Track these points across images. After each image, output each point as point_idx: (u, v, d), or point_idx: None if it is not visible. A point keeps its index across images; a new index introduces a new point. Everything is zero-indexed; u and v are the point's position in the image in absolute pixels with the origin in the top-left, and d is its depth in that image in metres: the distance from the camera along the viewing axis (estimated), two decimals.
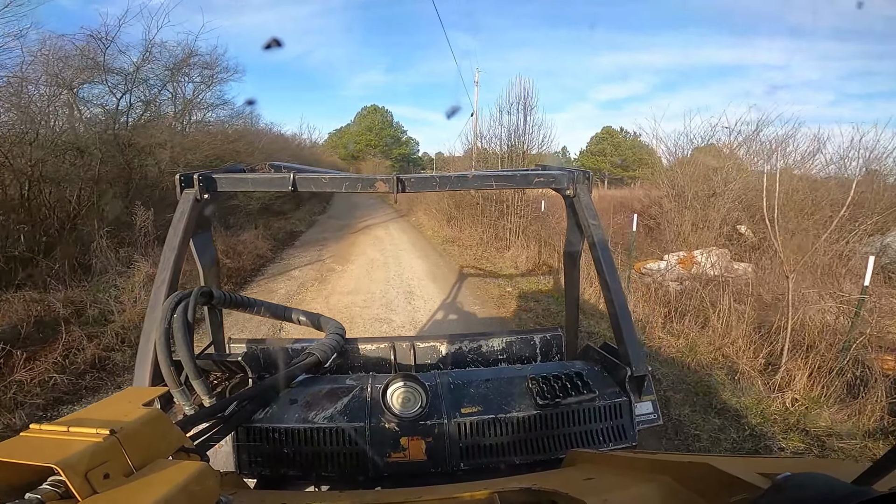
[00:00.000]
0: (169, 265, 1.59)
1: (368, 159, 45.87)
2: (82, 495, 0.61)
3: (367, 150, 49.85)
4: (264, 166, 2.26)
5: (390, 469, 1.39)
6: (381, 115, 53.79)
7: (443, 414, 1.46)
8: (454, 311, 6.71)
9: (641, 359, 1.59)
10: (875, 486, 0.51)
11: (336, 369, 1.98)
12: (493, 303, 7.11)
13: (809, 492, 0.54)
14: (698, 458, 0.79)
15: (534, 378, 1.57)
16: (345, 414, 1.45)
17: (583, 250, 2.06)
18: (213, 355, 1.72)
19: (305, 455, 1.40)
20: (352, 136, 51.94)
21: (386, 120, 53.86)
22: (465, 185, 1.95)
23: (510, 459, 1.45)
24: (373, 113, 53.67)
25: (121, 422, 0.72)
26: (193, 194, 1.70)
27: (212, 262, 1.97)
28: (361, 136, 51.72)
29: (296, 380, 1.57)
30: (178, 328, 1.35)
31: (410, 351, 2.12)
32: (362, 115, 53.73)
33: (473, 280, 8.50)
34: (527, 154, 11.40)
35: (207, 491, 0.70)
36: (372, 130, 52.23)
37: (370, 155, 48.20)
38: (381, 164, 44.44)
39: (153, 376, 1.43)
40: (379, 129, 52.68)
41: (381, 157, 47.82)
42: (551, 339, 2.23)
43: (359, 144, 50.48)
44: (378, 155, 48.83)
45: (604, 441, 1.51)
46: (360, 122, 53.33)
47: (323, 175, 1.85)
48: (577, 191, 1.86)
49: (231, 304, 1.72)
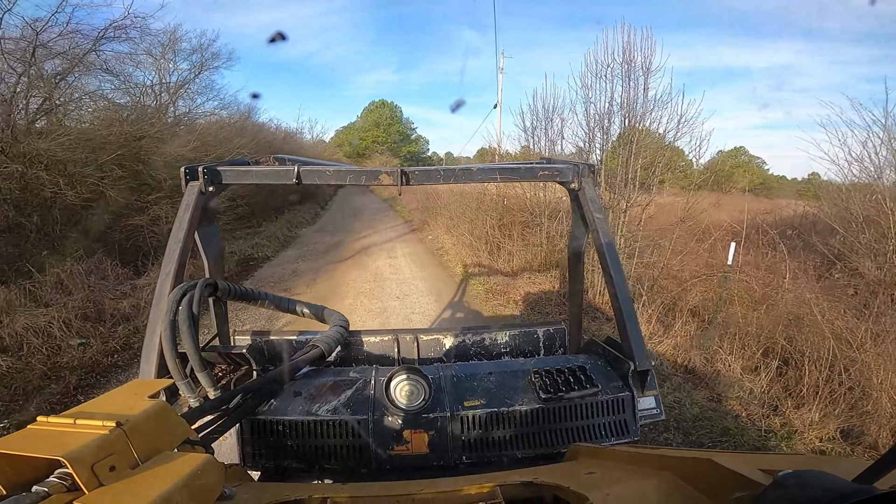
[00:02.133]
0: (174, 257, 1.60)
1: (375, 157, 42.66)
2: (89, 487, 0.62)
3: (374, 147, 46.21)
4: (269, 159, 2.27)
5: (393, 462, 1.40)
6: (390, 109, 49.89)
7: (446, 407, 1.47)
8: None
9: (644, 353, 1.58)
10: (876, 485, 0.51)
11: (340, 362, 2.00)
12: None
13: (811, 489, 0.54)
14: (701, 454, 0.79)
15: (537, 372, 1.58)
16: (348, 406, 1.46)
17: (587, 244, 2.06)
18: (218, 347, 1.74)
19: (309, 447, 1.41)
20: (357, 132, 48.29)
21: (395, 115, 49.93)
22: (469, 179, 1.94)
23: (512, 453, 1.46)
24: (380, 107, 49.76)
25: (127, 414, 0.72)
26: (198, 187, 1.70)
27: (217, 254, 1.97)
28: (368, 132, 47.89)
29: (300, 372, 1.58)
30: (184, 320, 1.35)
31: (414, 344, 2.13)
32: (369, 110, 49.96)
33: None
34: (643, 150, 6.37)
35: (212, 483, 0.71)
36: (379, 126, 48.27)
37: (377, 152, 44.62)
38: (389, 162, 41.38)
39: (159, 368, 1.44)
40: (387, 125, 48.83)
41: (388, 155, 44.06)
42: (555, 333, 2.23)
43: (365, 140, 47.01)
44: (385, 152, 45.04)
45: (606, 435, 1.51)
46: (367, 116, 49.60)
47: (327, 168, 1.85)
48: (581, 184, 1.85)
49: (236, 296, 1.73)
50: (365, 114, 50.12)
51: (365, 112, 50.35)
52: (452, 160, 37.56)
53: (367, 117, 49.45)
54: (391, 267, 8.86)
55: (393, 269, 8.66)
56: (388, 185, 1.77)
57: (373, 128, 48.18)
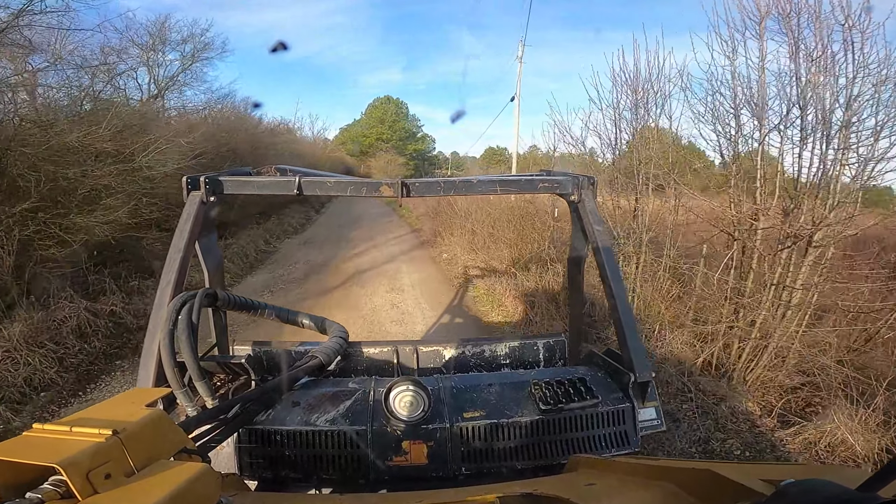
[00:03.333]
0: (175, 267, 1.60)
1: (379, 155, 39.77)
2: (83, 495, 0.61)
3: (378, 145, 43.37)
4: (270, 169, 2.29)
5: (392, 473, 1.39)
6: (396, 105, 47.02)
7: (445, 418, 1.46)
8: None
9: (645, 364, 1.58)
10: (880, 493, 0.51)
11: (339, 372, 1.99)
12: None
13: (814, 498, 0.54)
14: (701, 465, 0.78)
15: (537, 383, 1.57)
16: (347, 417, 1.45)
17: (587, 256, 2.06)
18: (217, 357, 1.73)
19: (307, 458, 1.40)
20: (361, 130, 45.61)
21: (401, 111, 47.10)
22: (469, 191, 1.96)
23: (512, 464, 1.44)
24: (385, 103, 46.92)
25: (123, 422, 0.72)
26: (200, 197, 1.71)
27: (217, 264, 1.98)
28: (372, 129, 45.03)
29: (298, 382, 1.57)
30: (183, 329, 1.35)
31: (413, 355, 2.13)
32: (373, 106, 46.98)
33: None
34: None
35: (208, 492, 0.70)
36: (384, 122, 45.54)
37: (381, 150, 41.74)
38: (394, 161, 38.46)
39: (157, 377, 1.43)
40: (392, 121, 45.99)
41: (393, 153, 41.36)
42: (555, 345, 2.23)
43: (369, 138, 44.36)
44: (390, 150, 42.31)
45: (606, 447, 1.50)
46: (371, 113, 46.62)
47: (328, 179, 1.86)
48: (581, 196, 1.86)
49: (235, 306, 1.73)
50: (369, 110, 47.42)
51: (369, 108, 47.60)
52: (458, 160, 36.64)
53: (372, 113, 46.89)
54: (394, 308, 6.24)
55: (398, 313, 6.07)
56: (389, 198, 1.78)
57: (377, 124, 45.71)
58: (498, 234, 7.19)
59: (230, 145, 9.87)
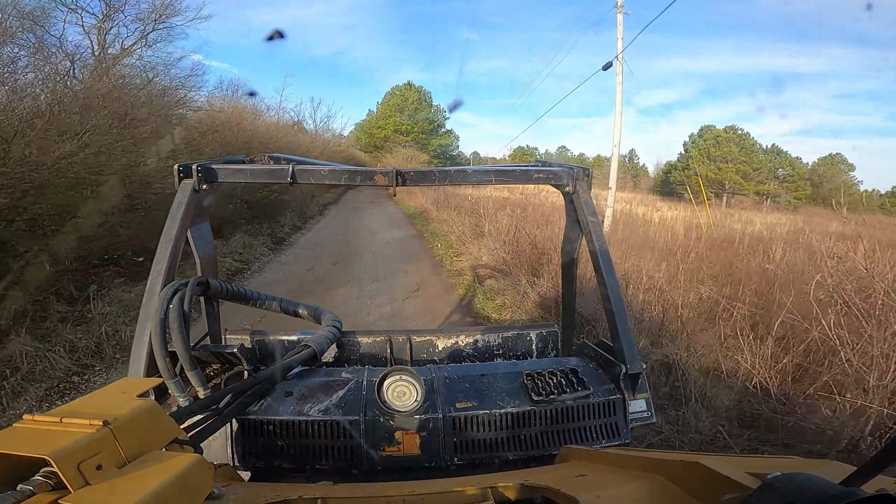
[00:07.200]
0: (166, 255, 1.59)
1: (397, 151, 31.81)
2: (74, 486, 0.61)
3: (396, 139, 35.14)
4: (263, 157, 2.26)
5: (384, 463, 1.40)
6: (417, 93, 38.09)
7: (438, 408, 1.46)
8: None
9: (636, 356, 1.59)
10: (863, 488, 0.52)
11: (332, 362, 1.99)
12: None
13: (799, 492, 0.55)
14: (690, 457, 0.80)
15: (529, 374, 1.58)
16: (340, 407, 1.45)
17: (580, 247, 2.06)
18: (209, 346, 1.72)
19: (300, 448, 1.41)
20: (375, 121, 37.46)
21: (424, 100, 38.25)
22: (464, 180, 1.95)
23: (504, 455, 1.46)
24: (406, 90, 38.15)
25: (114, 413, 0.72)
26: (192, 185, 1.69)
27: (209, 252, 1.96)
28: (389, 119, 36.50)
29: (291, 372, 1.57)
30: (174, 318, 1.34)
31: (407, 345, 2.13)
32: (391, 94, 38.37)
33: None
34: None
35: (200, 482, 0.70)
36: (404, 111, 36.87)
37: (399, 145, 33.62)
38: (416, 157, 31.06)
39: (148, 367, 1.42)
40: (413, 111, 37.25)
41: (414, 148, 33.79)
42: (547, 335, 2.24)
43: (384, 129, 36.23)
44: (411, 144, 34.33)
45: (597, 438, 1.51)
46: (388, 101, 38.19)
47: (322, 167, 1.84)
48: (576, 188, 1.87)
49: (228, 295, 1.72)
50: (386, 98, 38.83)
51: (386, 97, 38.92)
52: (479, 161, 33.40)
53: (389, 101, 38.36)
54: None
55: None
56: (382, 186, 1.77)
57: (395, 113, 37.17)
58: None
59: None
